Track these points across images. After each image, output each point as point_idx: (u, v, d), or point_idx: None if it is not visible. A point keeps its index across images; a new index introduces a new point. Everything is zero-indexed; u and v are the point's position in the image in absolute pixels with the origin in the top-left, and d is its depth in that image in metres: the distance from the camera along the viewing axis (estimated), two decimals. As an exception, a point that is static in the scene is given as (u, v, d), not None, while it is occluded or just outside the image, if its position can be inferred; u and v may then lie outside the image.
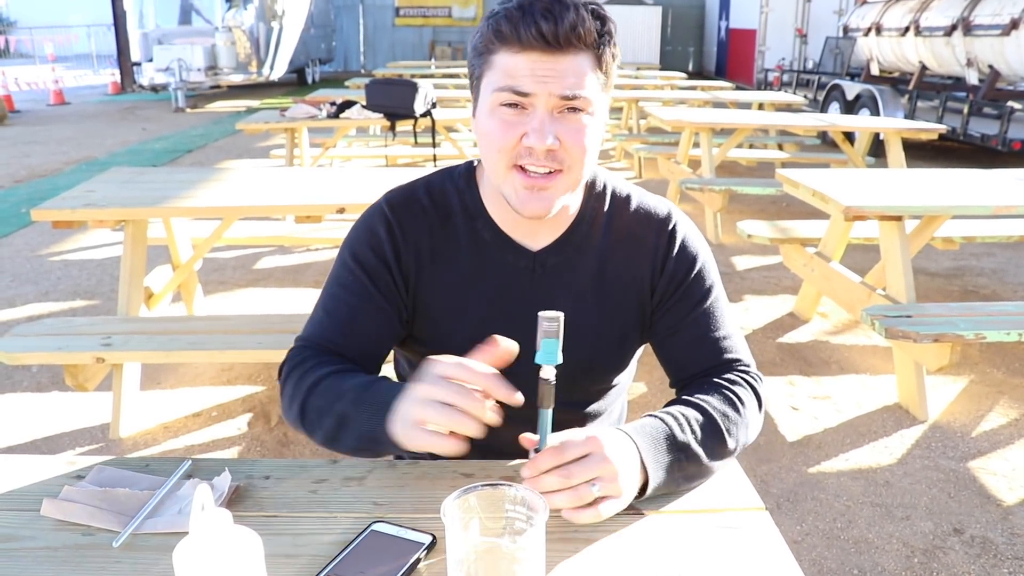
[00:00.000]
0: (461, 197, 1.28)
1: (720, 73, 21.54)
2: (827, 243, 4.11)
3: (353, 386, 1.12)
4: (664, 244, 1.28)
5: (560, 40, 1.07)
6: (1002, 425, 3.21)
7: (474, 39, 1.16)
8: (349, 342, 1.24)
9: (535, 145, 1.10)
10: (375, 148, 8.32)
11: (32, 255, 5.43)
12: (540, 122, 1.10)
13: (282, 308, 4.45)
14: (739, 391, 1.22)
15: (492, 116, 1.13)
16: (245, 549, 0.80)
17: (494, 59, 1.12)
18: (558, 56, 1.08)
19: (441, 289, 1.27)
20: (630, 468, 1.03)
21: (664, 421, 1.12)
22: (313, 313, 1.29)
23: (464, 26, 23.73)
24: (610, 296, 1.28)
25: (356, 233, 1.30)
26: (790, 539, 2.48)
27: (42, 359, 2.82)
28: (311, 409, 1.15)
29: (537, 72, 1.09)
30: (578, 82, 1.10)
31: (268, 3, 16.28)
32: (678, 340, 1.29)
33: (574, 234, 1.27)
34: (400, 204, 1.28)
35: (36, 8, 31.91)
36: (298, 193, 3.21)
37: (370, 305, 1.25)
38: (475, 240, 1.27)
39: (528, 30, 1.06)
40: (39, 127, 12.00)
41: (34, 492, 1.08)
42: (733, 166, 8.66)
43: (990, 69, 9.10)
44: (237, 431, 3.10)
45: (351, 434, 1.10)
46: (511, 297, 1.26)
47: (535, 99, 1.10)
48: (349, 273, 1.26)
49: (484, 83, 1.15)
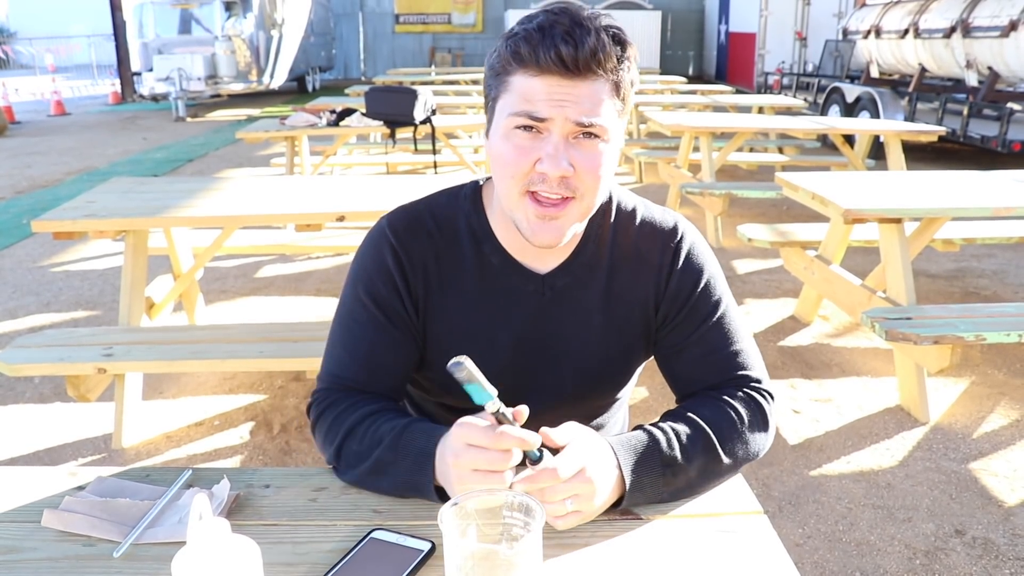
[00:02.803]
0: (468, 220, 1.26)
1: (720, 77, 21.55)
2: (827, 246, 4.12)
3: (389, 432, 1.12)
4: (668, 261, 1.26)
5: (580, 65, 1.05)
6: (1003, 426, 3.20)
7: (491, 59, 1.14)
8: (373, 379, 1.24)
9: (549, 171, 1.08)
10: (375, 156, 8.34)
11: (33, 266, 5.44)
12: (555, 147, 1.08)
13: (284, 316, 4.46)
14: (737, 406, 1.19)
15: (506, 140, 1.11)
16: (244, 558, 0.80)
17: (511, 80, 1.09)
18: (576, 81, 1.06)
19: (449, 313, 1.25)
20: (606, 487, 1.04)
21: (652, 436, 1.11)
22: (331, 350, 1.27)
23: (464, 32, 23.78)
24: (617, 314, 1.26)
25: (364, 263, 1.27)
26: (792, 542, 2.48)
27: (44, 370, 2.82)
28: (348, 453, 1.15)
29: (554, 96, 1.06)
30: (595, 109, 1.08)
31: (268, 12, 16.33)
32: (683, 357, 1.27)
33: (581, 254, 1.25)
34: (404, 228, 1.25)
35: (36, 19, 32.05)
36: (299, 201, 3.22)
37: (388, 339, 1.24)
38: (482, 264, 1.25)
39: (548, 53, 1.04)
40: (40, 138, 12.03)
41: (35, 503, 1.08)
42: (733, 170, 8.66)
43: (989, 71, 9.11)
44: (239, 440, 3.11)
45: (388, 480, 1.10)
46: (520, 321, 1.25)
47: (551, 124, 1.07)
48: (363, 310, 1.24)
49: (500, 105, 1.12)
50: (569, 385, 1.28)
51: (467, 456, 0.98)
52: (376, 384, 1.24)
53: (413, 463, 1.08)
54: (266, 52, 16.29)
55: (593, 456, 1.03)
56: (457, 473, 0.99)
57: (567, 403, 1.28)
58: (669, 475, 1.09)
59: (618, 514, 1.07)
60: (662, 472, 1.08)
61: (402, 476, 1.09)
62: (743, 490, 1.14)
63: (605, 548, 1.00)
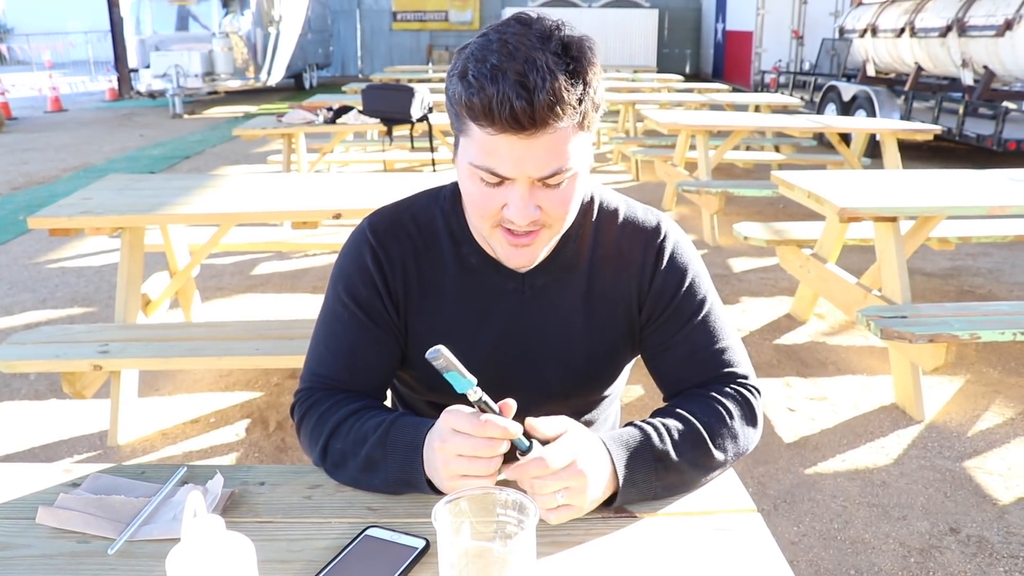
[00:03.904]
0: (447, 220, 1.26)
1: (717, 75, 21.57)
2: (823, 244, 4.12)
3: (375, 429, 1.13)
4: (652, 260, 1.25)
5: (536, 121, 0.99)
6: (998, 424, 3.21)
7: (448, 88, 1.08)
8: (355, 378, 1.24)
9: (516, 219, 1.08)
10: (372, 153, 8.33)
11: (29, 262, 5.43)
12: (520, 198, 1.07)
13: (280, 314, 4.46)
14: (726, 402, 1.20)
15: (470, 181, 1.10)
16: (237, 555, 0.81)
17: (469, 127, 1.05)
18: (536, 135, 1.01)
19: (430, 312, 1.26)
20: (599, 481, 1.03)
21: (643, 431, 1.12)
22: (314, 350, 1.28)
23: (461, 30, 23.75)
24: (599, 313, 1.26)
25: (344, 264, 1.27)
26: (787, 540, 2.49)
27: (40, 367, 2.82)
28: (334, 453, 1.15)
29: (514, 155, 1.03)
30: (558, 158, 1.04)
31: (265, 8, 16.30)
32: (669, 356, 1.27)
33: (561, 254, 1.25)
34: (384, 230, 1.26)
35: (33, 15, 31.94)
36: (295, 199, 3.22)
37: (369, 338, 1.24)
38: (462, 264, 1.25)
39: (502, 112, 0.98)
40: (37, 134, 12.00)
41: (30, 500, 1.08)
42: (730, 168, 8.67)
43: (985, 70, 9.12)
44: (235, 437, 3.11)
45: (378, 476, 1.11)
46: (501, 319, 1.25)
47: (514, 179, 1.06)
48: (344, 309, 1.24)
49: (462, 142, 1.09)
50: (554, 383, 1.28)
51: (453, 441, 1.00)
52: (358, 383, 1.24)
53: (403, 458, 1.08)
54: (263, 49, 16.26)
55: (584, 449, 1.03)
56: (443, 457, 1.01)
57: (554, 401, 1.27)
58: (661, 470, 1.09)
59: (612, 512, 1.07)
60: (654, 467, 1.09)
61: (393, 472, 1.09)
62: (737, 488, 1.14)
63: (599, 546, 1.00)
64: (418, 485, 1.08)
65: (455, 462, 0.99)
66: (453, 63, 1.07)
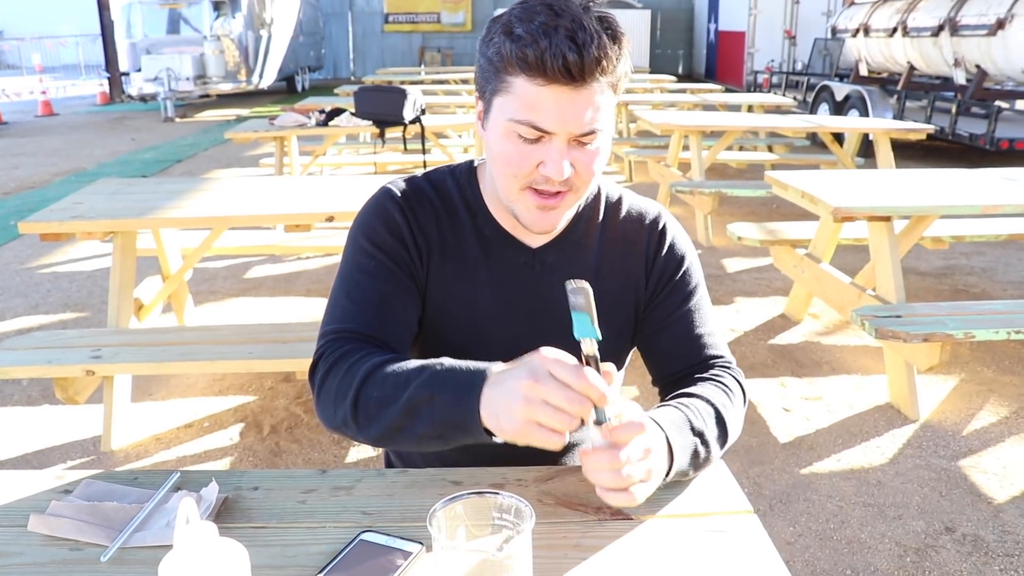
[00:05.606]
0: (463, 193, 1.29)
1: (710, 75, 21.60)
2: (817, 244, 4.13)
3: (419, 372, 1.07)
4: (655, 242, 1.32)
5: (584, 74, 1.05)
6: (993, 423, 3.22)
7: (487, 48, 1.12)
8: (383, 328, 1.20)
9: (553, 175, 1.11)
10: (365, 156, 8.32)
11: (21, 268, 5.41)
12: (559, 153, 1.10)
13: (273, 317, 4.44)
14: (730, 384, 1.27)
15: (506, 139, 1.12)
16: (231, 561, 0.80)
17: (513, 82, 1.09)
18: (580, 89, 1.07)
19: (447, 279, 1.27)
20: (661, 453, 1.06)
21: (680, 410, 1.16)
22: (333, 306, 1.23)
23: (453, 32, 23.77)
24: (607, 293, 1.29)
25: (367, 218, 1.27)
26: (783, 540, 2.49)
27: (32, 372, 2.80)
28: (368, 401, 1.08)
29: (559, 107, 1.07)
30: (596, 115, 1.10)
31: (256, 11, 16.28)
32: (664, 336, 1.32)
33: (572, 232, 1.29)
34: (409, 192, 1.28)
35: (24, 18, 31.82)
36: (288, 202, 3.21)
37: (398, 287, 1.23)
38: (477, 235, 1.28)
39: (555, 62, 1.03)
40: (27, 138, 11.96)
41: (21, 508, 1.07)
42: (723, 168, 8.68)
43: (977, 69, 9.16)
44: (229, 441, 3.10)
45: (423, 421, 1.04)
46: (511, 291, 1.28)
47: (553, 133, 1.10)
48: (370, 259, 1.23)
49: (498, 102, 1.12)
50: None
51: (547, 385, 0.93)
52: (385, 334, 1.20)
53: (454, 398, 1.02)
54: (255, 52, 16.23)
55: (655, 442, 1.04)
56: (527, 396, 0.93)
57: None
58: (699, 445, 1.13)
59: (608, 514, 1.07)
60: (694, 443, 1.12)
61: (442, 413, 1.03)
62: (733, 489, 1.14)
63: (595, 548, 1.00)
64: (469, 427, 1.01)
65: (540, 408, 0.92)
66: (488, 30, 1.12)
